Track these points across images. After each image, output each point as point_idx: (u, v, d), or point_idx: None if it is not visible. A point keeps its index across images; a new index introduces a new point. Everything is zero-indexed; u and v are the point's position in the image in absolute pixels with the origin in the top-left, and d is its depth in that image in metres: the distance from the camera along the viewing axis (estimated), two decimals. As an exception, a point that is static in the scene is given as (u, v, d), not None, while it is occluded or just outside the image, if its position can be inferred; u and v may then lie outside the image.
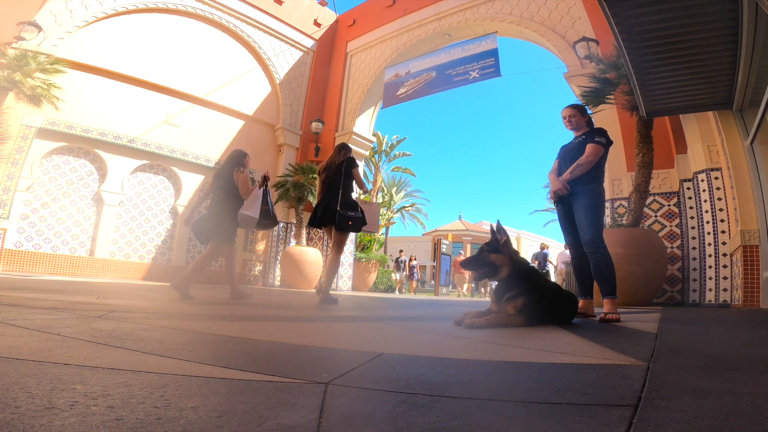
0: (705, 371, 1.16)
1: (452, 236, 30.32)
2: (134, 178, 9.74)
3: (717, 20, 3.81)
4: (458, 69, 10.04)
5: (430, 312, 3.98)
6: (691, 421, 0.69)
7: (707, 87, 4.94)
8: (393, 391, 0.90)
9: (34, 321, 1.69)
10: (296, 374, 1.02)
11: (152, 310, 2.66)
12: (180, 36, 10.36)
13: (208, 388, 0.87)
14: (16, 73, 7.55)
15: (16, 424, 0.60)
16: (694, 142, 6.38)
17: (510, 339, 1.79)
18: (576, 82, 7.66)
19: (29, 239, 8.34)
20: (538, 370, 1.20)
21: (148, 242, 9.79)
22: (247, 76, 11.44)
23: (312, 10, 12.74)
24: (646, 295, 5.68)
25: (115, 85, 9.37)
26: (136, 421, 0.64)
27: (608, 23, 3.82)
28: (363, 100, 11.86)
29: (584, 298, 3.14)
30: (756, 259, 4.96)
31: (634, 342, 1.85)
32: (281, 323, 2.39)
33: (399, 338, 1.92)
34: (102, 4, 9.09)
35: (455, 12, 10.37)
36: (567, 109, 3.31)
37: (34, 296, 2.93)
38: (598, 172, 3.09)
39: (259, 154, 11.55)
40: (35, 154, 8.34)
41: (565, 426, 0.69)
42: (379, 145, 26.21)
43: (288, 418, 0.69)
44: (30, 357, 1.04)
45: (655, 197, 7.04)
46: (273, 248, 11.29)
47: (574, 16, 8.39)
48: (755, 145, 5.01)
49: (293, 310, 3.38)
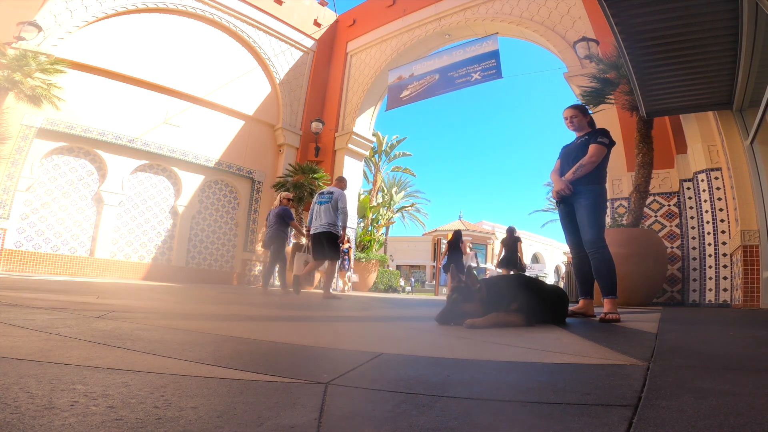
0: (705, 371, 1.16)
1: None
2: (134, 178, 9.74)
3: (717, 20, 3.81)
4: (460, 71, 10.06)
5: (430, 312, 3.97)
6: (691, 421, 0.69)
7: (707, 87, 4.94)
8: (393, 391, 0.90)
9: (34, 321, 1.69)
10: (296, 374, 1.02)
11: (152, 310, 2.66)
12: (180, 36, 10.36)
13: (208, 388, 0.87)
14: (16, 73, 7.55)
15: (16, 424, 0.60)
16: (694, 142, 6.38)
17: (510, 339, 1.79)
18: (576, 82, 7.67)
19: (29, 239, 8.34)
20: (538, 370, 1.20)
21: (148, 242, 9.79)
22: (247, 76, 11.45)
23: (312, 10, 12.74)
24: (646, 295, 5.68)
25: (115, 85, 9.37)
26: (136, 421, 0.64)
27: (608, 23, 3.82)
28: (363, 100, 11.86)
29: (584, 298, 3.14)
30: (756, 259, 4.96)
31: (634, 342, 1.85)
32: (281, 323, 2.39)
33: (399, 338, 1.92)
34: (102, 4, 9.09)
35: (455, 12, 10.37)
36: (568, 110, 3.30)
37: (34, 296, 2.93)
38: (600, 172, 3.10)
39: (259, 154, 11.57)
40: (35, 154, 8.35)
41: (565, 426, 0.69)
42: (379, 145, 26.21)
43: (288, 418, 0.69)
44: (30, 357, 1.04)
45: (655, 197, 7.04)
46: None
47: (574, 16, 8.40)
48: (755, 145, 5.01)
49: (293, 310, 3.38)
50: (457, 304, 2.31)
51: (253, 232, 11.18)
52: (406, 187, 31.29)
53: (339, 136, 12.01)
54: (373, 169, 26.35)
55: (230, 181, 11.18)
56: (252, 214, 11.24)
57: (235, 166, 11.05)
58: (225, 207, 11.11)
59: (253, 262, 11.13)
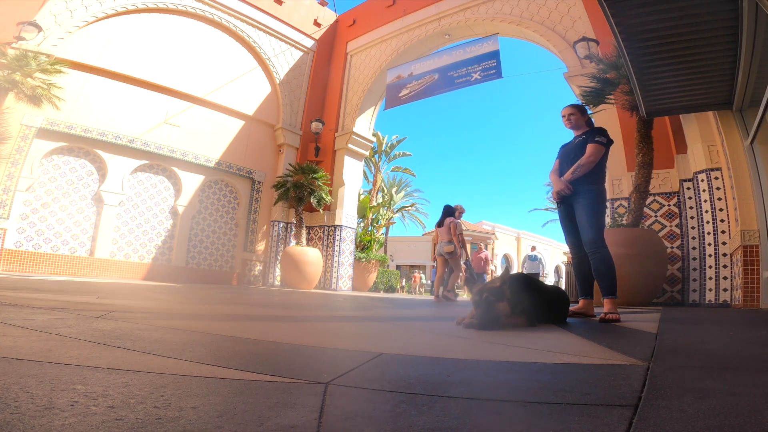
0: (705, 371, 1.16)
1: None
2: (134, 178, 9.74)
3: (717, 20, 3.81)
4: (460, 71, 10.05)
5: (430, 312, 3.98)
6: (691, 421, 0.69)
7: (707, 87, 4.94)
8: (393, 391, 0.90)
9: (34, 321, 1.69)
10: (296, 374, 1.02)
11: (152, 310, 2.66)
12: (180, 36, 10.36)
13: (208, 388, 0.87)
14: (16, 73, 7.55)
15: (16, 424, 0.60)
16: (694, 142, 6.38)
17: (510, 339, 1.79)
18: (576, 82, 7.66)
19: (29, 239, 8.33)
20: (538, 370, 1.20)
21: (148, 242, 9.79)
22: (247, 76, 11.45)
23: (312, 10, 12.74)
24: (646, 295, 5.68)
25: (115, 85, 9.37)
26: (136, 421, 0.64)
27: (608, 23, 3.82)
28: (363, 100, 11.86)
29: (584, 298, 3.14)
30: (756, 259, 4.96)
31: (634, 342, 1.85)
32: (281, 323, 2.39)
33: (399, 338, 1.92)
34: (102, 4, 9.09)
35: (455, 12, 10.37)
36: (567, 108, 3.32)
37: (34, 296, 2.93)
38: (599, 172, 3.10)
39: (259, 154, 11.56)
40: (35, 154, 8.34)
41: (566, 426, 0.69)
42: (379, 145, 26.20)
43: (288, 418, 0.69)
44: (30, 357, 1.04)
45: (655, 197, 7.04)
46: (273, 248, 11.29)
47: (574, 16, 8.39)
48: (755, 145, 5.01)
49: (293, 310, 3.38)
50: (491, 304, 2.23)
51: (253, 232, 11.18)
52: (406, 187, 31.28)
53: (339, 136, 12.00)
54: (373, 169, 26.34)
55: (230, 181, 11.18)
56: (252, 214, 11.24)
57: (235, 166, 11.05)
58: (225, 207, 11.11)
59: (253, 262, 11.12)
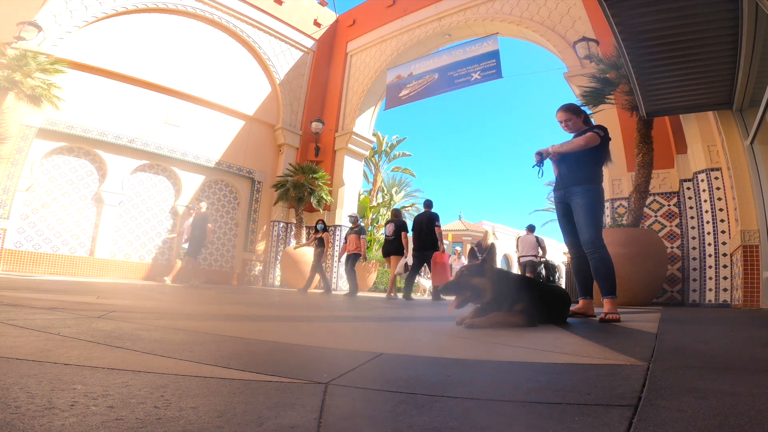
0: (705, 371, 1.16)
1: (452, 236, 30.26)
2: (134, 178, 9.74)
3: (717, 20, 3.81)
4: (460, 71, 10.05)
5: (430, 312, 3.98)
6: (691, 421, 0.69)
7: (707, 87, 4.94)
8: (393, 391, 0.90)
9: (34, 321, 1.69)
10: (296, 374, 1.02)
11: (152, 310, 2.66)
12: (180, 36, 10.36)
13: (208, 388, 0.87)
14: (16, 73, 7.55)
15: (16, 424, 0.60)
16: (694, 142, 6.38)
17: (510, 339, 1.79)
18: (576, 82, 7.67)
19: (29, 239, 8.33)
20: (538, 370, 1.20)
21: (148, 242, 9.79)
22: (247, 76, 11.45)
23: (312, 10, 12.74)
24: (646, 295, 5.68)
25: (115, 85, 9.37)
26: (136, 421, 0.64)
27: (608, 23, 3.82)
28: (363, 100, 11.86)
29: (584, 298, 3.14)
30: (756, 259, 4.96)
31: (634, 342, 1.85)
32: (281, 323, 2.39)
33: (399, 338, 1.92)
34: (102, 4, 9.09)
35: (455, 12, 10.37)
36: (560, 113, 3.20)
37: (34, 296, 2.93)
38: (596, 171, 3.07)
39: (259, 154, 11.57)
40: (35, 154, 8.34)
41: (565, 426, 0.69)
42: (379, 145, 26.19)
43: (288, 418, 0.69)
44: (30, 357, 1.04)
45: (655, 197, 7.04)
46: (273, 248, 11.29)
47: (574, 16, 8.40)
48: (755, 145, 5.01)
49: (293, 310, 3.38)
50: (465, 276, 2.20)
51: (253, 232, 11.18)
52: (406, 187, 31.28)
53: (339, 136, 12.00)
54: (373, 169, 26.32)
55: (230, 181, 11.18)
56: (252, 214, 11.24)
57: (235, 166, 11.05)
58: (225, 207, 11.11)
59: (253, 262, 11.12)
